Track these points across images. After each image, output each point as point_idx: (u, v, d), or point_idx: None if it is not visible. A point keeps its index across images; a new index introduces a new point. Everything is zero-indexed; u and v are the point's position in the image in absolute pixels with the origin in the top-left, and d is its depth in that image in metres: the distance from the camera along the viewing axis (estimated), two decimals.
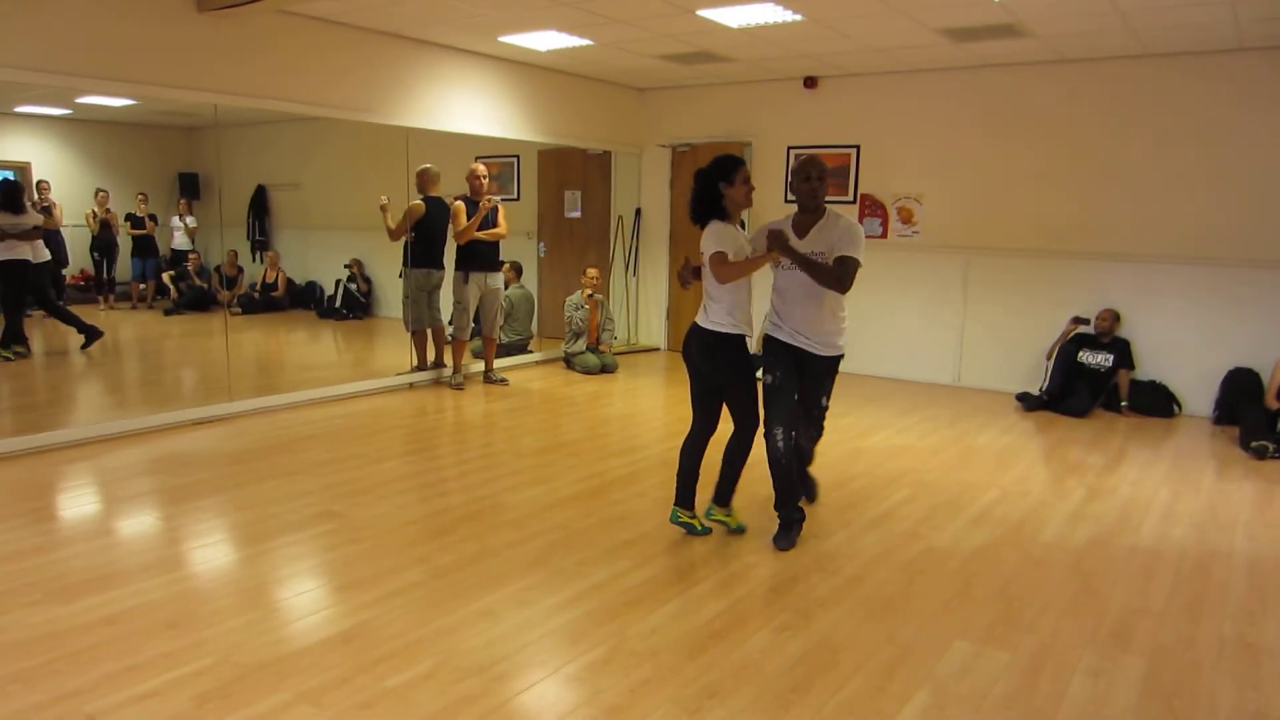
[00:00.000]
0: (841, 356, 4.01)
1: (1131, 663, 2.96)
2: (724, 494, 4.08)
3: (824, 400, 4.07)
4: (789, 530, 3.98)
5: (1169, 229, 6.86)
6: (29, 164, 8.09)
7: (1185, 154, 6.74)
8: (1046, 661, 2.96)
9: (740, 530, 4.10)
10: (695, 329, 4.00)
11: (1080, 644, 3.09)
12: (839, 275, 3.73)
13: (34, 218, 7.29)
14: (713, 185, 3.85)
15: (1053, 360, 7.10)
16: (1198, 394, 6.85)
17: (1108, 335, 6.97)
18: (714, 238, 3.83)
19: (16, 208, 7.19)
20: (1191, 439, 6.17)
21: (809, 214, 3.91)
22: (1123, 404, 6.84)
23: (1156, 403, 6.81)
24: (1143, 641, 3.12)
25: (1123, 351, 6.91)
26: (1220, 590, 3.59)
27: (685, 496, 4.05)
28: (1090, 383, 6.90)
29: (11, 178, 7.87)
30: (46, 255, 7.47)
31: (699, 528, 4.05)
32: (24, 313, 7.46)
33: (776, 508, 4.02)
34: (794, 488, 4.02)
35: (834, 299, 3.87)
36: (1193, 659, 3.01)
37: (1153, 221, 6.92)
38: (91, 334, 7.62)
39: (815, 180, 3.81)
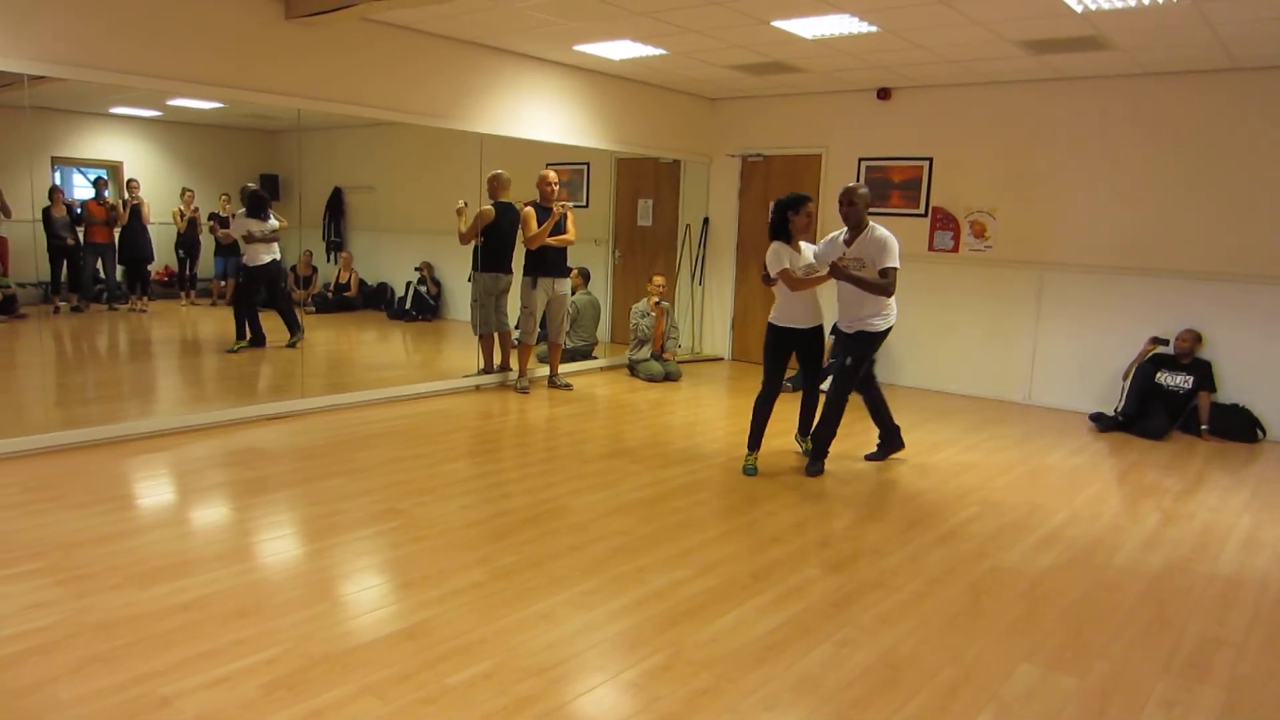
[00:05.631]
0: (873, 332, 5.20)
1: (1209, 695, 2.86)
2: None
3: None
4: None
5: (1255, 247, 6.62)
6: (121, 163, 8.42)
7: (1273, 169, 6.50)
8: (1117, 689, 2.87)
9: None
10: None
11: (1154, 673, 2.99)
12: (885, 286, 5.04)
13: (274, 224, 7.99)
14: (781, 213, 5.10)
15: (1129, 380, 6.90)
16: None
17: (1188, 356, 6.75)
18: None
19: (263, 214, 7.77)
20: (1276, 465, 5.94)
21: (854, 229, 5.17)
22: (1203, 427, 6.61)
23: (1239, 427, 6.57)
24: (1221, 673, 3.01)
25: (1204, 373, 6.68)
26: None
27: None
28: (1168, 404, 6.69)
29: (104, 175, 8.21)
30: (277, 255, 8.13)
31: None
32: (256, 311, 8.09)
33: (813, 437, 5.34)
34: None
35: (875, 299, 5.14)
36: (1275, 693, 2.89)
37: (1237, 239, 6.68)
38: (295, 330, 8.15)
39: (846, 207, 5.09)
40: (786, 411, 5.72)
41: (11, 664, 2.74)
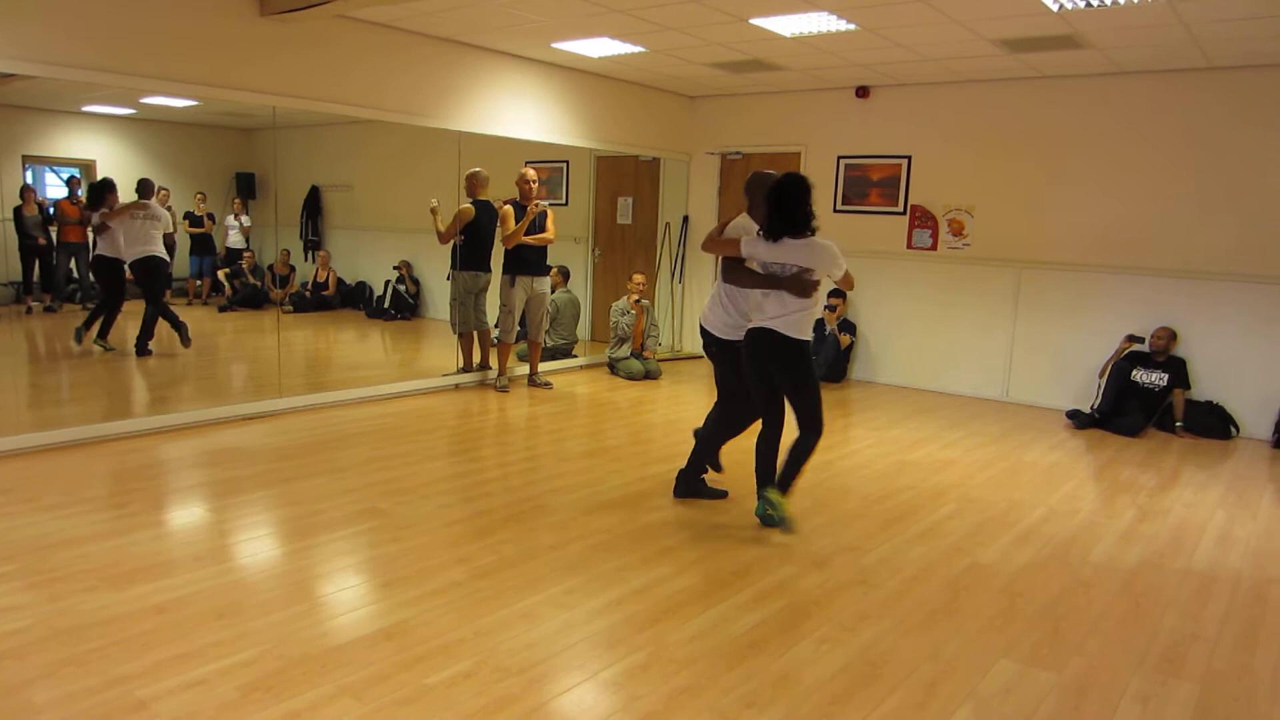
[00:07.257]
0: None
1: (1183, 688, 2.89)
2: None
3: None
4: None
5: (1230, 245, 6.69)
6: (94, 161, 8.30)
7: (1247, 169, 6.57)
8: (1093, 684, 2.90)
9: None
10: (771, 334, 4.06)
11: (1129, 667, 3.02)
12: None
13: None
14: (809, 202, 3.94)
15: (1105, 378, 6.97)
16: (1257, 416, 6.67)
17: (1163, 354, 6.82)
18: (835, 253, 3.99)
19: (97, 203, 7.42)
20: (1249, 462, 6.01)
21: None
22: (1178, 424, 6.68)
23: (1213, 424, 6.64)
24: (1195, 667, 3.05)
25: (1178, 371, 6.75)
26: (1277, 617, 3.49)
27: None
28: (1144, 402, 6.76)
29: (77, 174, 8.10)
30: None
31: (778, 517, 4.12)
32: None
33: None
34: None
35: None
36: (1247, 687, 2.93)
37: (1213, 237, 6.76)
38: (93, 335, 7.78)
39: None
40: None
41: None
